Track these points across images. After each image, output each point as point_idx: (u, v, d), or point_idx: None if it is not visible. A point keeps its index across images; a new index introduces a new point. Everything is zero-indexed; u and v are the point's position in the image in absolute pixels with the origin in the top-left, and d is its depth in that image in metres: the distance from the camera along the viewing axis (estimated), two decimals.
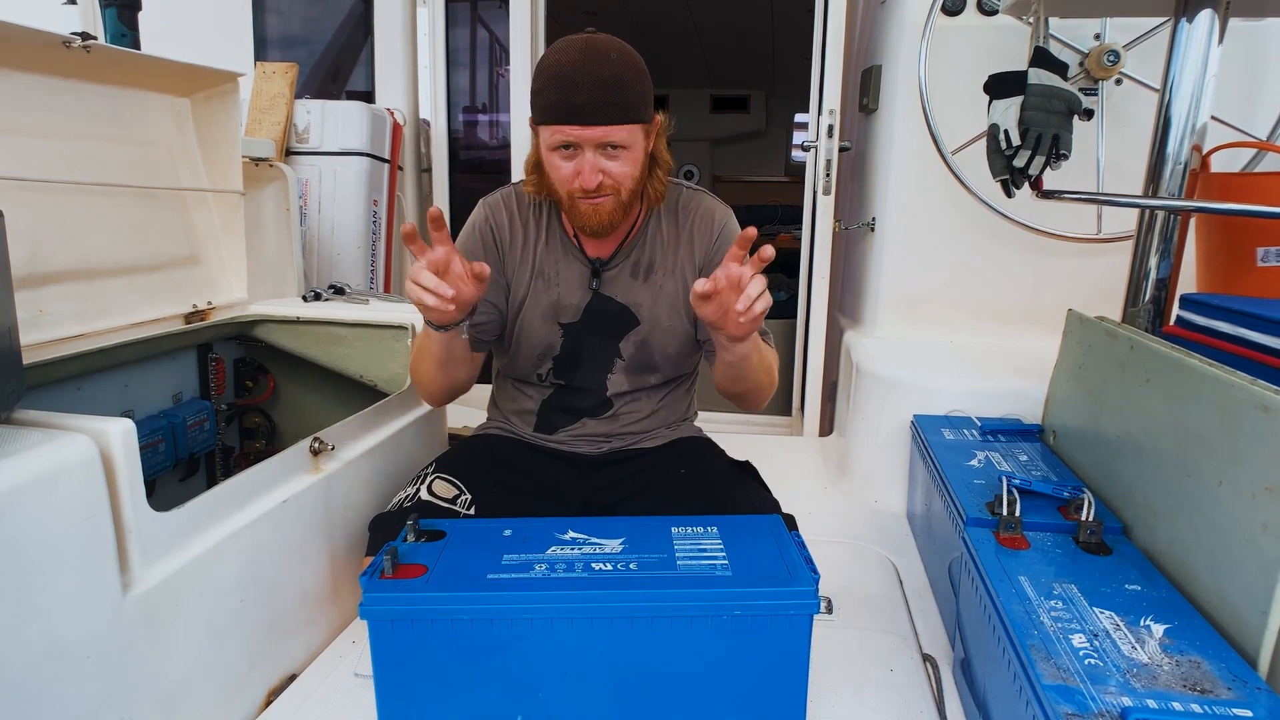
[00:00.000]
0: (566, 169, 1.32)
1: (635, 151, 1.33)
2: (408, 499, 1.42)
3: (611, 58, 1.27)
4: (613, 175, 1.32)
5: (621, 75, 1.27)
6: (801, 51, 2.84)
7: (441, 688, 1.11)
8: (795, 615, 1.09)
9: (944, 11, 2.30)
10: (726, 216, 1.52)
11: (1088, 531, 1.27)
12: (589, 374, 1.51)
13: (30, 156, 1.47)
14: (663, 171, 1.43)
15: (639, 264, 1.48)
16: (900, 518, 2.05)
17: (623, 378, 1.52)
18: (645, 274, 1.48)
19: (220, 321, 1.87)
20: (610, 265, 1.48)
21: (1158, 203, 1.71)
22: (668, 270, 1.49)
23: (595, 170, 1.30)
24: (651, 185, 1.42)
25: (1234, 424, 1.04)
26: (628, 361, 1.50)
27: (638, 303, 1.48)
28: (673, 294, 1.48)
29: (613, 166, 1.31)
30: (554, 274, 1.48)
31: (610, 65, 1.26)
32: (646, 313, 1.48)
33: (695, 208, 1.51)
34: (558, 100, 1.27)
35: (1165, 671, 0.93)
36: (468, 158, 3.56)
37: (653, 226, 1.49)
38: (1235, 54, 2.06)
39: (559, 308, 1.48)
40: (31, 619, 0.89)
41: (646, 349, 1.50)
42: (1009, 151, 1.68)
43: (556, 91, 1.27)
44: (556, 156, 1.32)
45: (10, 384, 0.97)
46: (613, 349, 1.50)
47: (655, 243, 1.49)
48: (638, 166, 1.35)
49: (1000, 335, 2.44)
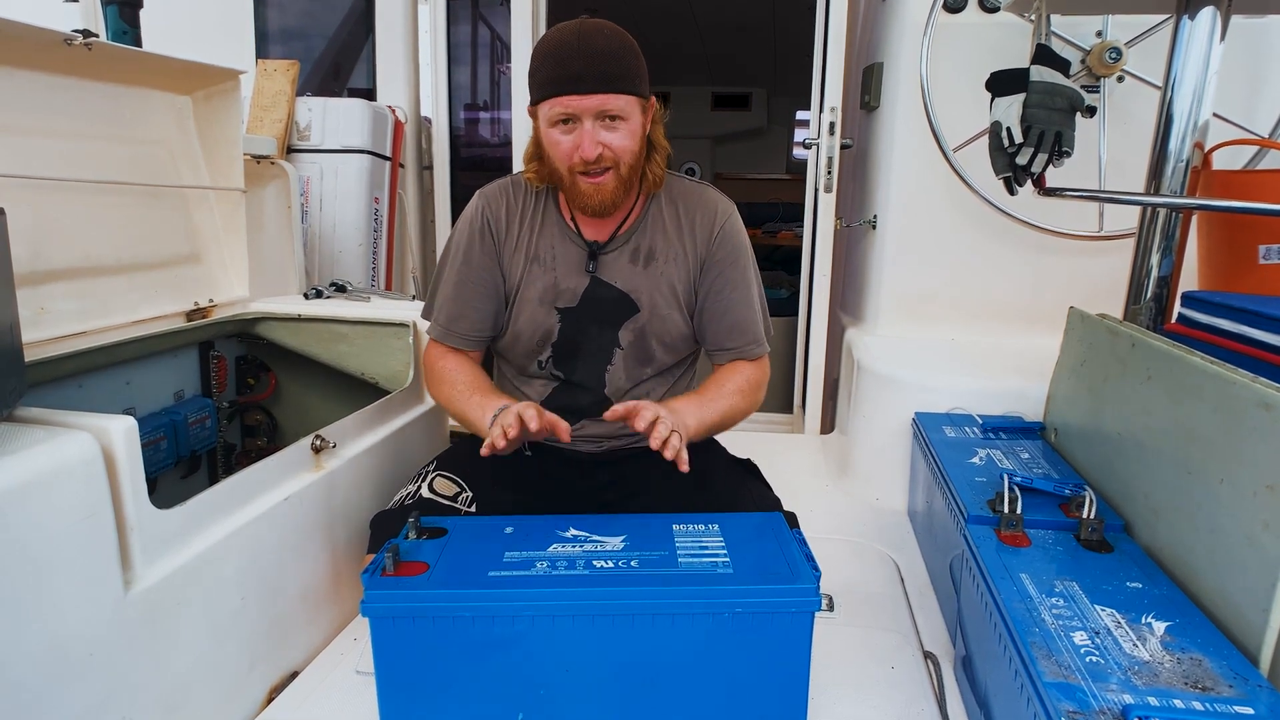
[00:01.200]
0: (566, 143, 1.33)
1: (633, 124, 1.34)
2: (409, 497, 1.42)
3: (605, 33, 1.31)
4: (612, 147, 1.33)
5: (617, 50, 1.30)
6: (803, 49, 2.84)
7: (443, 685, 1.11)
8: (796, 613, 1.09)
9: (946, 9, 2.30)
10: (729, 212, 1.51)
11: (1089, 529, 1.26)
12: (588, 367, 1.51)
13: (32, 154, 1.47)
14: (660, 157, 1.44)
15: (639, 250, 1.48)
16: (901, 515, 2.05)
17: (621, 371, 1.51)
18: (645, 260, 1.48)
19: (222, 319, 1.87)
20: (608, 249, 1.47)
21: (1159, 200, 1.71)
22: (669, 258, 1.48)
23: (594, 141, 1.31)
24: (650, 169, 1.43)
25: (1235, 422, 1.04)
26: (626, 350, 1.50)
27: (636, 289, 1.47)
28: (671, 282, 1.48)
29: (612, 138, 1.32)
30: (550, 258, 1.47)
31: (605, 39, 1.30)
32: (645, 299, 1.47)
33: (698, 198, 1.51)
34: (554, 72, 1.30)
35: (1167, 669, 0.93)
36: (469, 155, 3.56)
37: (653, 212, 1.49)
38: (1237, 51, 2.06)
39: (557, 292, 1.47)
40: (34, 616, 0.89)
41: (644, 338, 1.49)
42: (1011, 149, 1.68)
43: (553, 65, 1.30)
44: (556, 132, 1.33)
45: (12, 382, 0.97)
46: (611, 337, 1.49)
47: (656, 229, 1.49)
48: (636, 140, 1.36)
49: (1001, 333, 2.44)
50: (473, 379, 1.47)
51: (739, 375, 1.49)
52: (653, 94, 1.39)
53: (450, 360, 1.50)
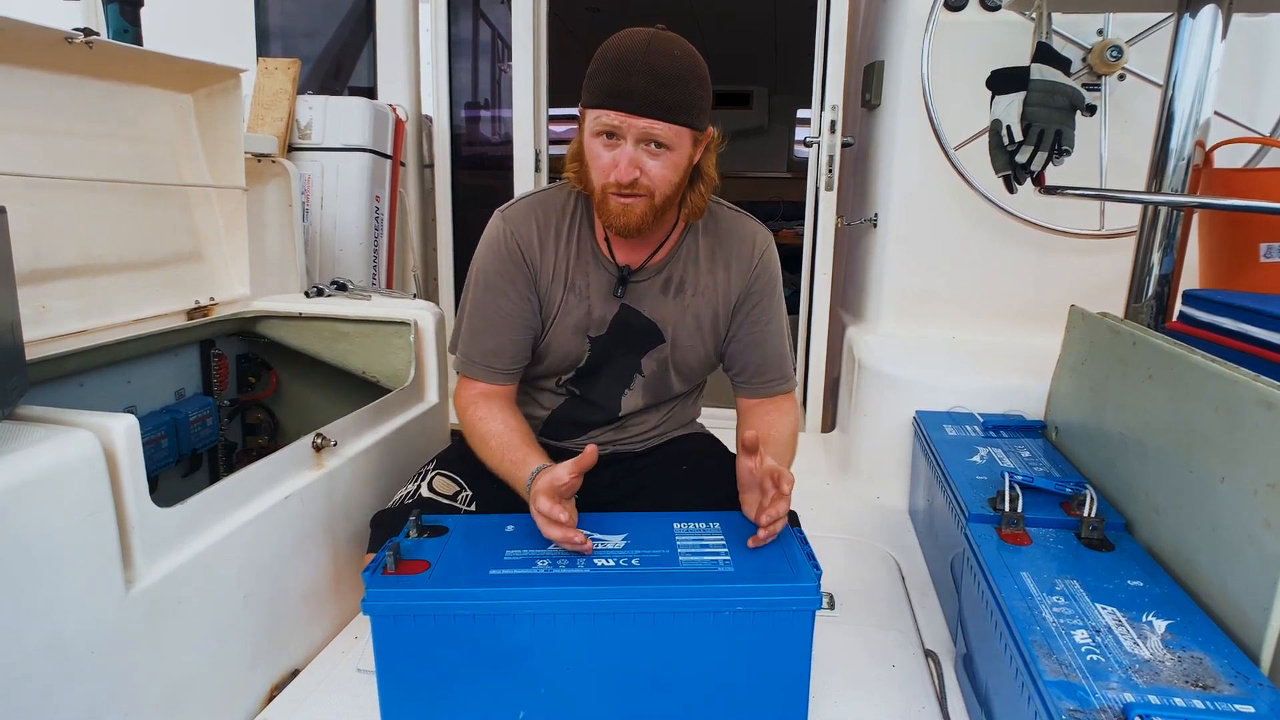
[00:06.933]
0: (605, 158, 1.26)
1: (678, 156, 1.26)
2: (408, 495, 1.41)
3: (674, 54, 1.22)
4: (649, 175, 1.25)
5: (681, 75, 1.22)
6: (804, 47, 2.84)
7: (444, 683, 1.11)
8: (797, 611, 1.09)
9: (946, 7, 2.30)
10: (767, 243, 1.47)
11: (1090, 528, 1.27)
12: (606, 388, 1.49)
13: (33, 153, 1.47)
14: (705, 188, 1.37)
15: (670, 280, 1.43)
16: (902, 514, 2.05)
17: (638, 397, 1.50)
18: (676, 291, 1.44)
19: (223, 317, 1.87)
20: (639, 277, 1.43)
21: (1160, 199, 1.71)
22: (699, 290, 1.44)
23: (632, 164, 1.23)
24: (691, 199, 1.36)
25: (1236, 420, 1.04)
26: (647, 379, 1.48)
27: (664, 319, 1.44)
28: (699, 315, 1.44)
29: (652, 166, 1.24)
30: (584, 286, 1.43)
31: (671, 61, 1.21)
32: (671, 331, 1.44)
33: (736, 230, 1.45)
34: (609, 83, 1.22)
35: (1167, 667, 0.93)
36: (470, 154, 3.56)
37: (688, 243, 1.44)
38: (1238, 49, 2.06)
39: (590, 320, 1.43)
40: (35, 615, 0.90)
41: (665, 368, 1.47)
42: (1011, 147, 1.68)
43: (610, 75, 1.22)
44: (598, 143, 1.26)
45: (13, 380, 0.97)
46: (634, 364, 1.46)
47: (690, 260, 1.44)
48: (678, 173, 1.28)
49: (1002, 331, 2.44)
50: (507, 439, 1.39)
51: (786, 424, 1.47)
52: (710, 126, 1.32)
53: (482, 409, 1.42)
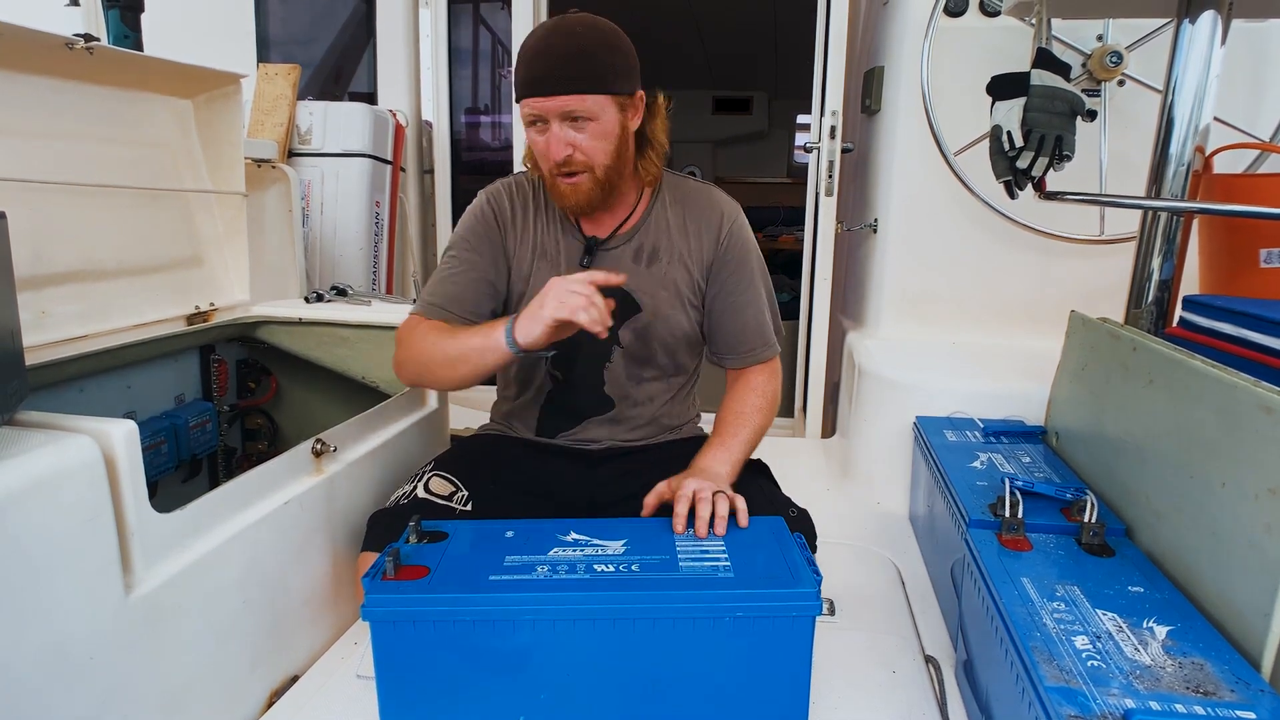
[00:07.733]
0: (540, 144, 1.34)
1: (604, 124, 1.32)
2: (404, 496, 1.41)
3: (576, 31, 1.29)
4: (582, 149, 1.32)
5: (584, 48, 1.28)
6: (804, 53, 2.84)
7: (444, 689, 1.11)
8: (797, 617, 1.09)
9: (946, 13, 2.30)
10: (735, 213, 1.50)
11: (1090, 533, 1.26)
12: (586, 365, 1.50)
13: (33, 158, 1.47)
14: (656, 154, 1.43)
15: (641, 248, 1.47)
16: (903, 519, 2.05)
17: (621, 370, 1.50)
18: (649, 260, 1.46)
19: (223, 323, 1.87)
20: (610, 246, 1.46)
21: (1160, 204, 1.71)
22: (672, 258, 1.47)
23: (561, 143, 1.30)
24: (643, 166, 1.42)
25: (1237, 425, 1.04)
26: (626, 350, 1.49)
27: (640, 289, 1.46)
28: (676, 284, 1.47)
29: (580, 138, 1.31)
30: (555, 252, 1.47)
31: (572, 39, 1.28)
32: (649, 299, 1.46)
33: (704, 200, 1.49)
34: (524, 75, 1.30)
35: (1168, 673, 0.93)
36: (470, 159, 3.56)
37: (656, 211, 1.48)
38: (1238, 55, 2.06)
39: None
40: (34, 620, 0.89)
41: (646, 339, 1.48)
42: (1012, 153, 1.68)
43: (524, 67, 1.30)
44: (532, 132, 1.34)
45: (13, 385, 0.97)
46: (611, 335, 1.48)
47: (660, 229, 1.47)
48: (610, 140, 1.33)
49: (1003, 337, 2.44)
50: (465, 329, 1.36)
51: (754, 394, 1.49)
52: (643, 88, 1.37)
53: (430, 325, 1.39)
